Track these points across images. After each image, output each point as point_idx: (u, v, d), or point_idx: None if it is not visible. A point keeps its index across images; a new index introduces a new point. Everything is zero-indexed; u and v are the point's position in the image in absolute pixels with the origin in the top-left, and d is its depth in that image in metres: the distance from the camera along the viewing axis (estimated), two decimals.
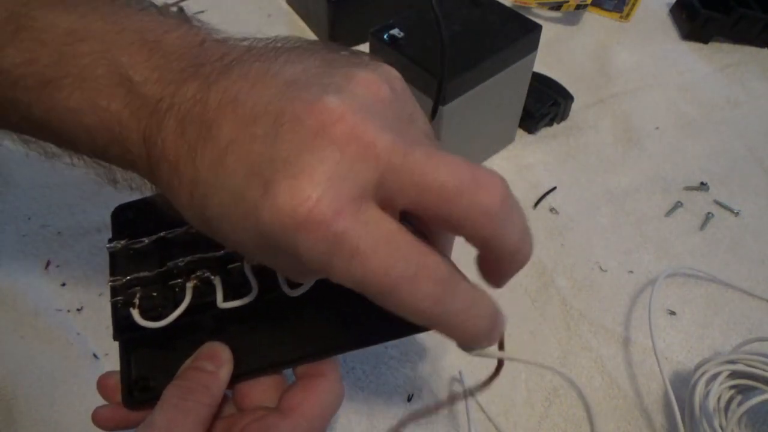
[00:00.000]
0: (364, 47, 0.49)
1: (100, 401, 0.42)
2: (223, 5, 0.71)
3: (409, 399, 0.42)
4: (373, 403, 0.42)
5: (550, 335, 0.45)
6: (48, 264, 0.49)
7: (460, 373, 0.42)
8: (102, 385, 0.32)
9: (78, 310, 0.46)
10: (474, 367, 0.43)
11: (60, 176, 0.55)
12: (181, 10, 0.60)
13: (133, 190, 0.30)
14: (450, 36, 0.46)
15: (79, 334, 0.45)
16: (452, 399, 0.42)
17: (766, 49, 0.68)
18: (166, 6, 0.62)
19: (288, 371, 0.33)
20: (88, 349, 0.44)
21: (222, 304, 0.30)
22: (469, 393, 0.42)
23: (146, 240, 0.32)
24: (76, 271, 0.48)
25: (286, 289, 0.30)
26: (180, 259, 0.31)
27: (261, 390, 0.31)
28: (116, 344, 0.44)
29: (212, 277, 0.31)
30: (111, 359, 0.44)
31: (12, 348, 0.44)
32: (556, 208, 0.53)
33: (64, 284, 0.48)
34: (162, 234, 0.32)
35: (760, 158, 0.57)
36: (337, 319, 0.32)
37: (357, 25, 0.59)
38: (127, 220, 0.34)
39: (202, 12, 0.71)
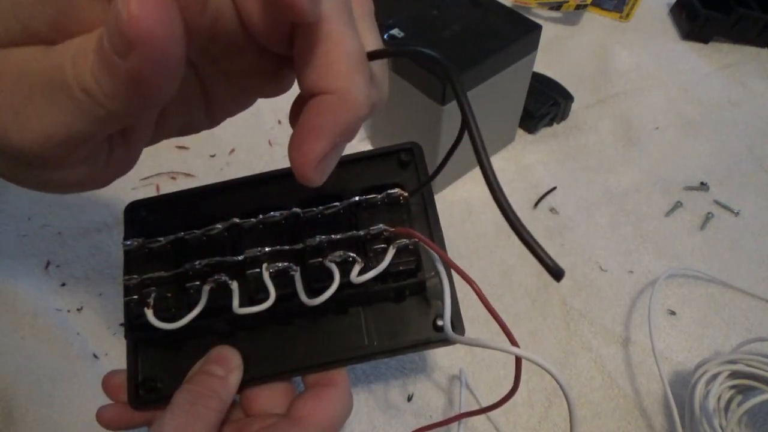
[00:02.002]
0: None
1: (100, 401, 0.42)
2: None
3: (409, 399, 0.42)
4: (373, 403, 0.42)
5: (550, 335, 0.45)
6: (48, 264, 0.49)
7: (460, 371, 0.42)
8: (107, 383, 0.32)
9: (78, 310, 0.46)
10: (474, 367, 0.43)
11: None
12: None
13: None
14: (450, 36, 0.46)
15: (79, 334, 0.45)
16: (452, 399, 0.42)
17: (766, 49, 0.68)
18: None
19: (296, 379, 0.33)
20: (88, 349, 0.44)
21: (238, 309, 0.30)
22: (469, 393, 0.42)
23: (163, 240, 0.32)
24: (76, 271, 0.48)
25: (304, 298, 0.30)
26: (197, 262, 0.31)
27: (269, 396, 0.31)
28: (116, 344, 0.44)
29: (229, 282, 0.30)
30: (111, 359, 0.44)
31: (12, 348, 0.44)
32: (556, 208, 0.53)
33: (64, 284, 0.48)
34: (180, 234, 0.32)
35: (760, 158, 0.57)
36: (350, 330, 0.32)
37: None
38: (140, 217, 0.34)
39: None
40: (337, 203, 0.32)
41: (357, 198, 0.32)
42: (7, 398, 0.41)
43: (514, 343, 0.27)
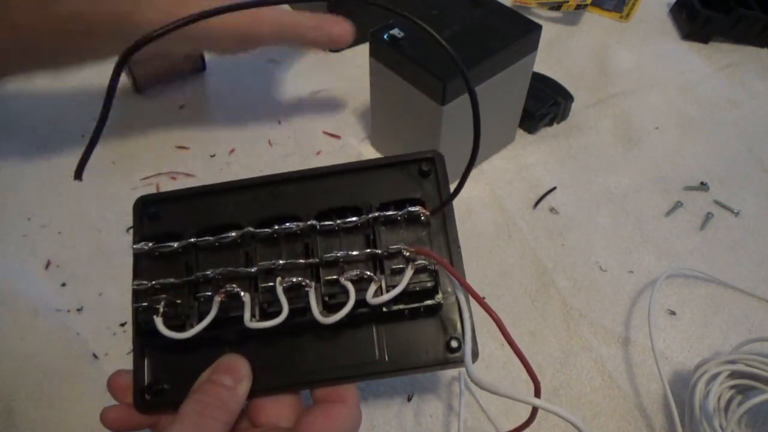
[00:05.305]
0: (364, 47, 0.49)
1: (100, 401, 0.41)
2: None
3: (409, 399, 0.42)
4: (373, 403, 0.42)
5: (550, 335, 0.45)
6: (48, 264, 0.49)
7: (459, 372, 0.42)
8: (113, 384, 0.32)
9: (78, 310, 0.46)
10: (474, 367, 0.43)
11: (60, 176, 0.55)
12: None
13: None
14: (450, 36, 0.46)
15: (79, 334, 0.45)
16: (452, 399, 0.42)
17: (766, 49, 0.68)
18: None
19: (304, 391, 0.32)
20: (88, 349, 0.44)
21: (249, 323, 0.29)
22: (469, 393, 0.42)
23: (175, 245, 0.31)
24: (76, 271, 0.48)
25: (318, 316, 0.29)
26: (209, 271, 0.31)
27: (277, 407, 0.31)
28: (116, 344, 0.44)
29: (242, 294, 0.30)
30: (111, 359, 0.44)
31: (12, 348, 0.44)
32: (556, 208, 0.53)
33: (64, 284, 0.48)
34: (192, 241, 0.31)
35: (760, 158, 0.57)
36: (361, 345, 0.31)
37: (357, 25, 0.59)
38: (149, 214, 0.33)
39: None
40: (355, 218, 0.31)
41: (376, 213, 0.31)
42: (7, 398, 0.41)
43: (537, 390, 0.27)
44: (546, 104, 0.57)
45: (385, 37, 0.46)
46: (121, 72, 0.26)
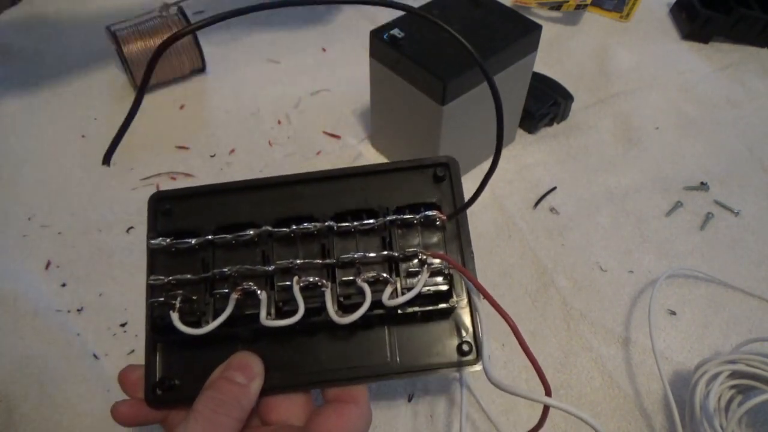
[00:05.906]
0: (365, 47, 0.49)
1: (100, 401, 0.42)
2: (223, 5, 0.71)
3: (410, 399, 0.42)
4: (373, 403, 0.42)
5: (550, 335, 0.45)
6: (48, 264, 0.49)
7: (460, 373, 0.42)
8: (124, 378, 0.32)
9: (78, 310, 0.46)
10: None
11: (60, 176, 0.55)
12: (181, 10, 0.60)
13: None
14: (450, 36, 0.46)
15: (79, 334, 0.45)
16: (452, 399, 0.42)
17: (766, 49, 0.68)
18: (166, 6, 0.62)
19: (315, 391, 0.32)
20: (88, 349, 0.44)
21: (265, 321, 0.30)
22: (470, 393, 0.42)
23: (192, 241, 0.32)
24: (76, 271, 0.48)
25: (334, 316, 0.29)
26: (227, 268, 0.31)
27: (288, 406, 0.31)
28: (116, 344, 0.44)
29: (259, 292, 0.30)
30: (111, 359, 0.44)
31: (12, 348, 0.44)
32: (556, 208, 0.53)
33: (64, 284, 0.48)
34: (210, 238, 0.32)
35: (760, 158, 0.57)
36: (374, 346, 0.32)
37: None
38: (164, 211, 0.33)
39: (202, 12, 0.71)
40: (372, 221, 0.32)
41: (393, 216, 0.32)
42: (8, 398, 0.41)
43: (547, 391, 0.27)
44: (546, 104, 0.57)
45: (385, 37, 0.46)
46: (157, 62, 0.26)
